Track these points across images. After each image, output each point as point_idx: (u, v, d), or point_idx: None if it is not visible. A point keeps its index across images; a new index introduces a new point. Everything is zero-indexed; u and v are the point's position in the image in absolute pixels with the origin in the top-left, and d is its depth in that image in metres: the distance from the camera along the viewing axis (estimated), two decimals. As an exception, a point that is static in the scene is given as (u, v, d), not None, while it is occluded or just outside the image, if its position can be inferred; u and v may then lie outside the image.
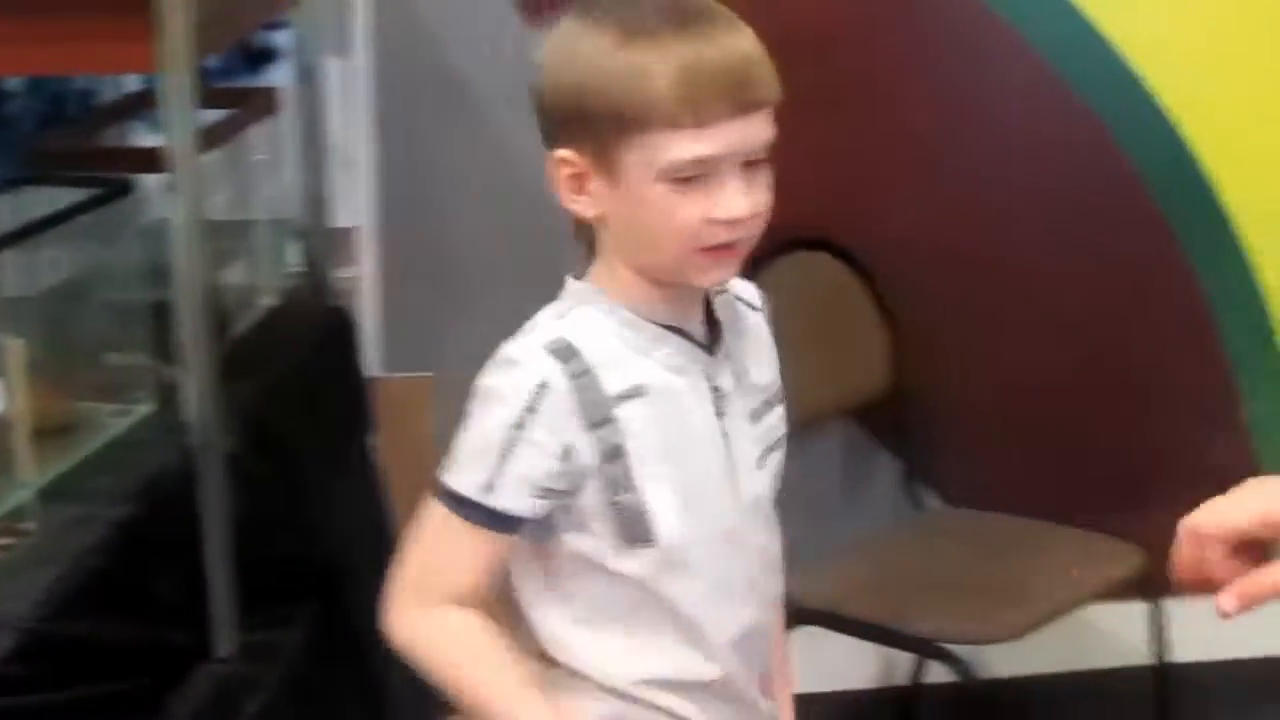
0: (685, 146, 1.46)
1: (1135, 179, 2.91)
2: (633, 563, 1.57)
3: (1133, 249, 2.97)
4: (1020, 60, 2.90)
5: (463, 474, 1.55)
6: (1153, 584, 2.65)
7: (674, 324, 1.57)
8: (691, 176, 1.48)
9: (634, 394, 1.54)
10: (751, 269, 1.63)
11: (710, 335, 1.60)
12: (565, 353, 1.53)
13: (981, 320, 2.36)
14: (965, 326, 2.95)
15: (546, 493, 1.54)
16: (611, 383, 1.53)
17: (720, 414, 1.60)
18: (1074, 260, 2.96)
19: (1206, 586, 1.40)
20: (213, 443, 2.07)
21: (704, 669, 1.61)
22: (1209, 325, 3.00)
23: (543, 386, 1.51)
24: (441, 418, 3.02)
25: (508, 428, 1.52)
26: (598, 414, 1.53)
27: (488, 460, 1.53)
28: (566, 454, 1.52)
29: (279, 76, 3.22)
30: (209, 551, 2.08)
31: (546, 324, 1.57)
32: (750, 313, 1.66)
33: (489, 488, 1.53)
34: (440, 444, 2.95)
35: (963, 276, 2.88)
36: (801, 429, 1.77)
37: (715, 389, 1.59)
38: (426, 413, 2.98)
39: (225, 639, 2.08)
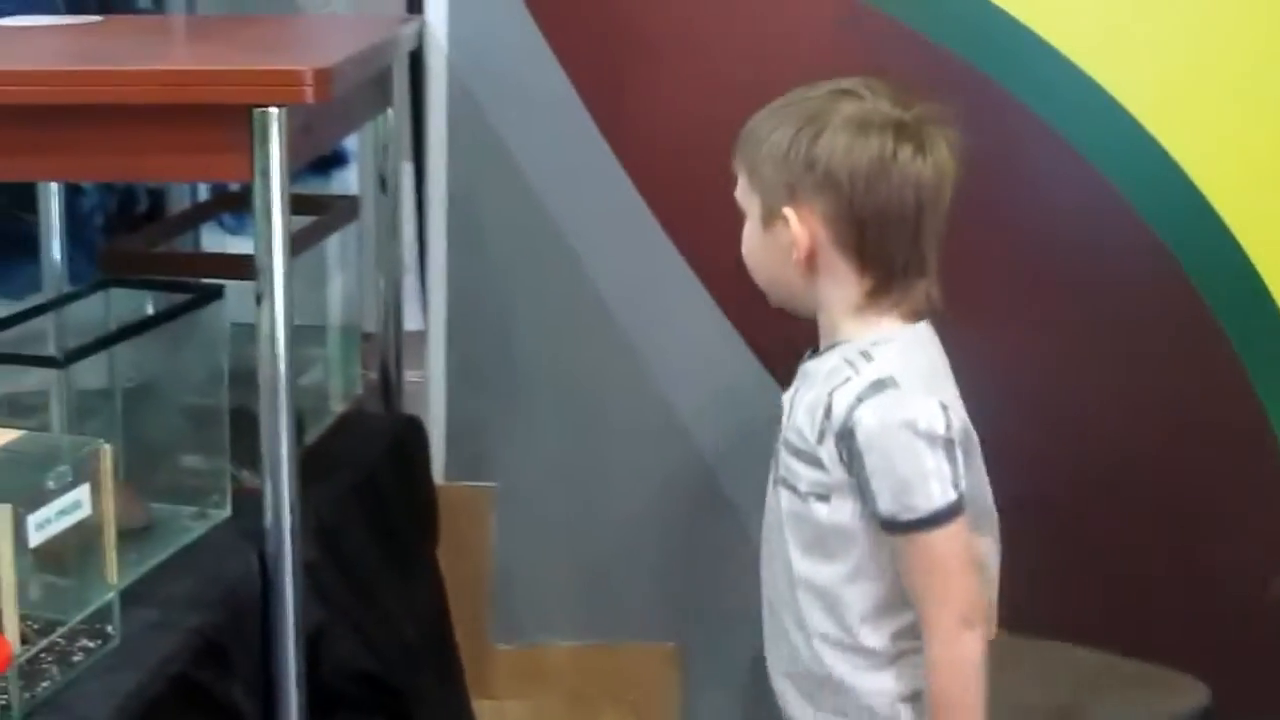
0: None
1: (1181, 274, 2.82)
2: None
3: (1188, 363, 2.87)
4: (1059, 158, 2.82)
5: None
6: (1216, 718, 2.61)
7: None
8: None
9: None
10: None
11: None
12: None
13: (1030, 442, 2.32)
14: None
15: None
16: None
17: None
18: (1128, 376, 2.91)
19: None
20: (289, 551, 2.07)
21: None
22: (1270, 445, 2.89)
23: None
24: (503, 528, 3.01)
25: None
26: None
27: None
28: None
29: (347, 180, 3.26)
30: (281, 660, 2.07)
31: None
32: (830, 386, 1.94)
33: None
34: (500, 555, 2.95)
35: (1018, 404, 2.82)
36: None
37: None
38: (488, 523, 2.96)
39: (297, 749, 2.07)
